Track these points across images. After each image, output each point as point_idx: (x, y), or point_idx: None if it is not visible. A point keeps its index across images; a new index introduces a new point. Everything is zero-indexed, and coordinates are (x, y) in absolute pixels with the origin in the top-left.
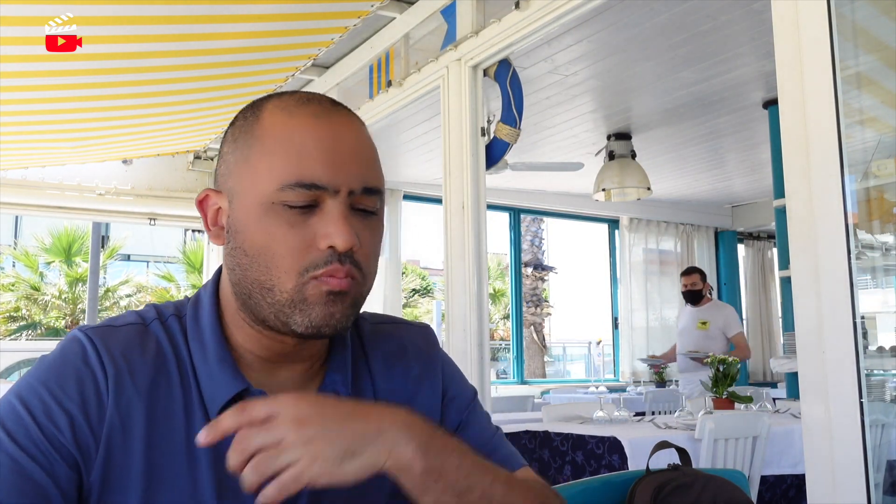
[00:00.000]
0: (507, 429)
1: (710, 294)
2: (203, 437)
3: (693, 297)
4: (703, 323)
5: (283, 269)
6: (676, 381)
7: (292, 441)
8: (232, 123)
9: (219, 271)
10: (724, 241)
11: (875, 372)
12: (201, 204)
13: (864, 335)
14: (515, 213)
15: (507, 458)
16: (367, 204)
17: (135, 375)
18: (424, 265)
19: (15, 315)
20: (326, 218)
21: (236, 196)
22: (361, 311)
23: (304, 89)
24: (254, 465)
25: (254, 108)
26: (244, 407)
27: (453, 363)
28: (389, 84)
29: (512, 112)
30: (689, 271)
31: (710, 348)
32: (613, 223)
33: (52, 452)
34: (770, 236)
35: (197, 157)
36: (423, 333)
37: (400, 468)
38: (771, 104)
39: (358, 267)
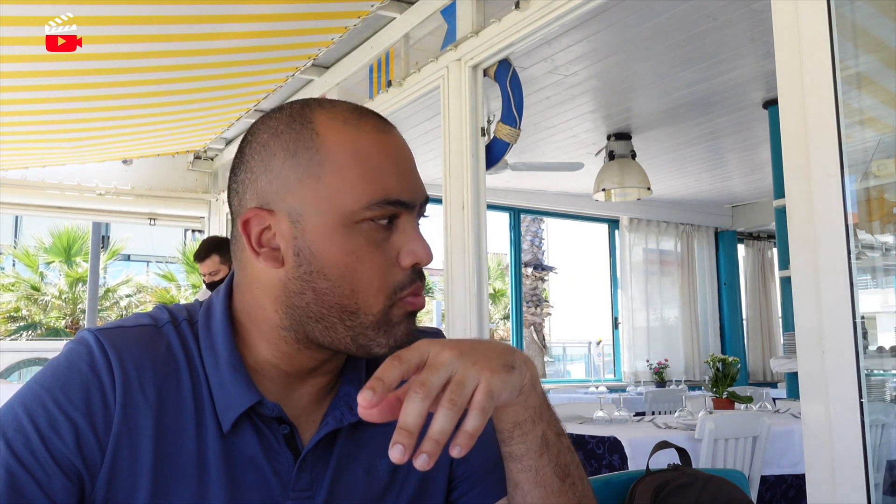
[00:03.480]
0: None
1: None
2: (369, 401)
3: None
4: None
5: (370, 293)
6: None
7: (464, 368)
8: (273, 134)
9: (230, 279)
10: (724, 241)
11: (875, 372)
12: (245, 225)
13: (865, 335)
14: (515, 213)
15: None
16: (423, 214)
17: (144, 381)
18: None
19: (15, 315)
20: (406, 235)
21: (305, 217)
22: None
23: (304, 89)
24: (448, 401)
25: (300, 120)
26: (398, 357)
27: None
28: (389, 84)
29: (512, 112)
30: (204, 252)
31: None
32: (613, 223)
33: (52, 465)
34: (770, 236)
35: (197, 157)
36: (434, 337)
37: (531, 385)
38: (771, 104)
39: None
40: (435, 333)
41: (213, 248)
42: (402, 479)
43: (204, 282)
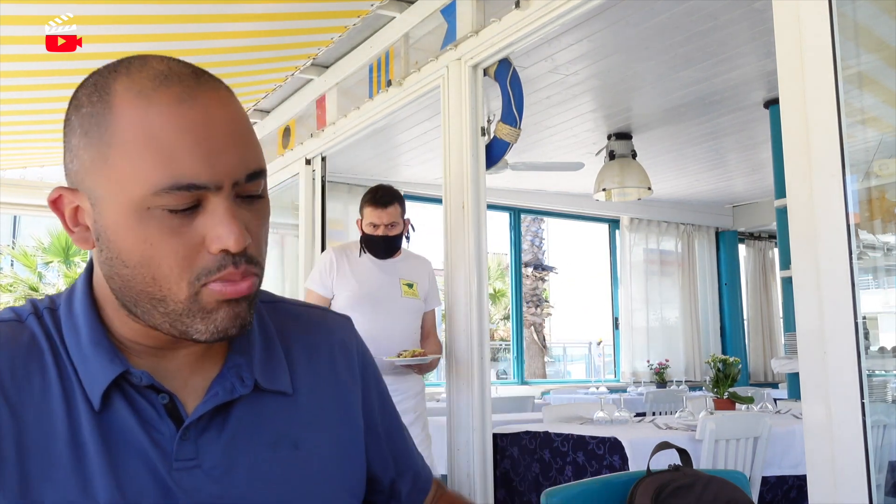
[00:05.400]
0: (507, 429)
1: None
2: None
3: (393, 245)
4: (410, 285)
5: (172, 280)
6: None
7: None
8: (75, 107)
9: (92, 260)
10: (725, 241)
11: (876, 372)
12: (55, 204)
13: (866, 335)
14: (515, 213)
15: (422, 468)
16: (251, 190)
17: (1, 374)
18: None
19: None
20: (213, 218)
21: (100, 200)
22: (286, 296)
23: (304, 89)
24: None
25: (101, 91)
26: None
27: (373, 361)
28: (389, 84)
29: (512, 112)
30: (388, 197)
31: (417, 331)
32: (614, 223)
33: None
34: (771, 236)
35: None
36: (346, 325)
37: None
38: (772, 104)
39: (253, 262)
40: (345, 320)
41: (397, 196)
42: (305, 455)
43: (364, 233)
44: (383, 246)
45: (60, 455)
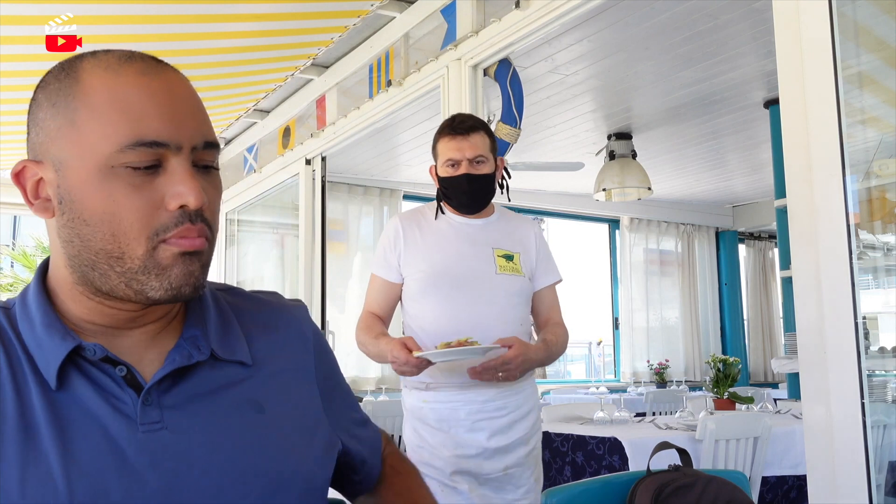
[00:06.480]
0: None
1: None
2: None
3: (482, 189)
4: (509, 257)
5: (131, 236)
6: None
7: None
8: (42, 87)
9: (47, 258)
10: (725, 241)
11: (877, 372)
12: (18, 177)
13: (866, 336)
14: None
15: (373, 431)
16: (208, 159)
17: None
18: None
19: None
20: (173, 177)
21: (65, 164)
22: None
23: (304, 89)
24: None
25: (68, 70)
26: None
27: (328, 347)
28: (389, 84)
29: (512, 112)
30: (469, 123)
31: (525, 321)
32: (614, 223)
33: None
34: (771, 236)
35: None
36: (300, 309)
37: None
38: (772, 104)
39: (208, 225)
40: (299, 305)
41: (483, 124)
42: (272, 418)
43: (441, 178)
44: (467, 189)
45: (8, 436)
